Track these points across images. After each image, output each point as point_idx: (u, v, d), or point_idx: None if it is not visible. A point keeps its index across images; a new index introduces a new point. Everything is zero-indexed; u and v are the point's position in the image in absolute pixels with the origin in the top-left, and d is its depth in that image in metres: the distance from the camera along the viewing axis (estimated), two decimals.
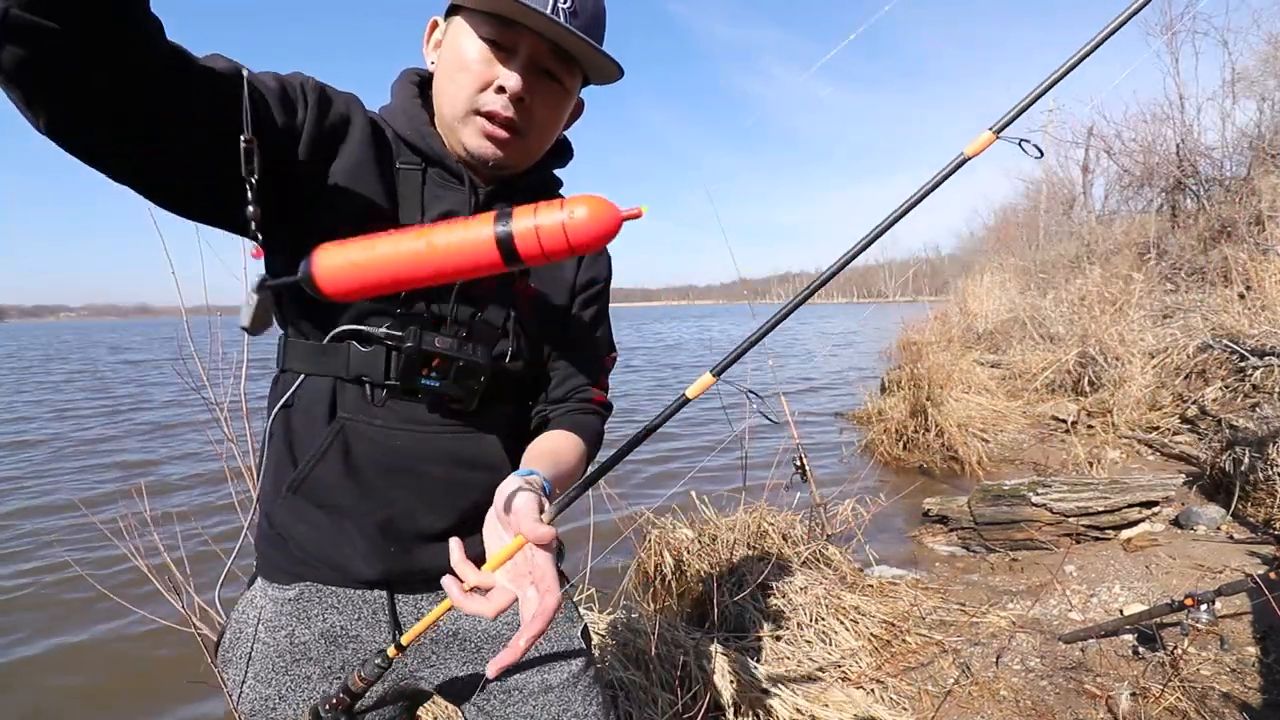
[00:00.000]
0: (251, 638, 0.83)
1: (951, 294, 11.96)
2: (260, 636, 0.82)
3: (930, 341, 7.85)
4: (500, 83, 0.73)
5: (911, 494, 4.11)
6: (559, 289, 0.90)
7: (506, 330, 0.84)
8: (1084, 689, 2.09)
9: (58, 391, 12.40)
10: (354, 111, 0.78)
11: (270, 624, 0.82)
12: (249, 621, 0.84)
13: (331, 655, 0.83)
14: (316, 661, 0.82)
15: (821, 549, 2.90)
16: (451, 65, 0.76)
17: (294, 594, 0.83)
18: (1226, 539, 3.13)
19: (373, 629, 0.84)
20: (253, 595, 0.85)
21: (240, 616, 0.85)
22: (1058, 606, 2.67)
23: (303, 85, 0.73)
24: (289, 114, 0.70)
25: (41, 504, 4.90)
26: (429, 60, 0.82)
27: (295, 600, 0.83)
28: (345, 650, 0.83)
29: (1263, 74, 8.98)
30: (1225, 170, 9.43)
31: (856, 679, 2.13)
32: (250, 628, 0.83)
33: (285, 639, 0.82)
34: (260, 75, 0.69)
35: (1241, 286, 6.41)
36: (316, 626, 0.82)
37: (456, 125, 0.77)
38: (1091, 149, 12.07)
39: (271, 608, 0.83)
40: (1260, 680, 2.03)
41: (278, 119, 0.68)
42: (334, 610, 0.83)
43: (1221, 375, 5.07)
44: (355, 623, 0.83)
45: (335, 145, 0.75)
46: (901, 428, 5.32)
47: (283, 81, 0.71)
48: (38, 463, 6.27)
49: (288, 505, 0.81)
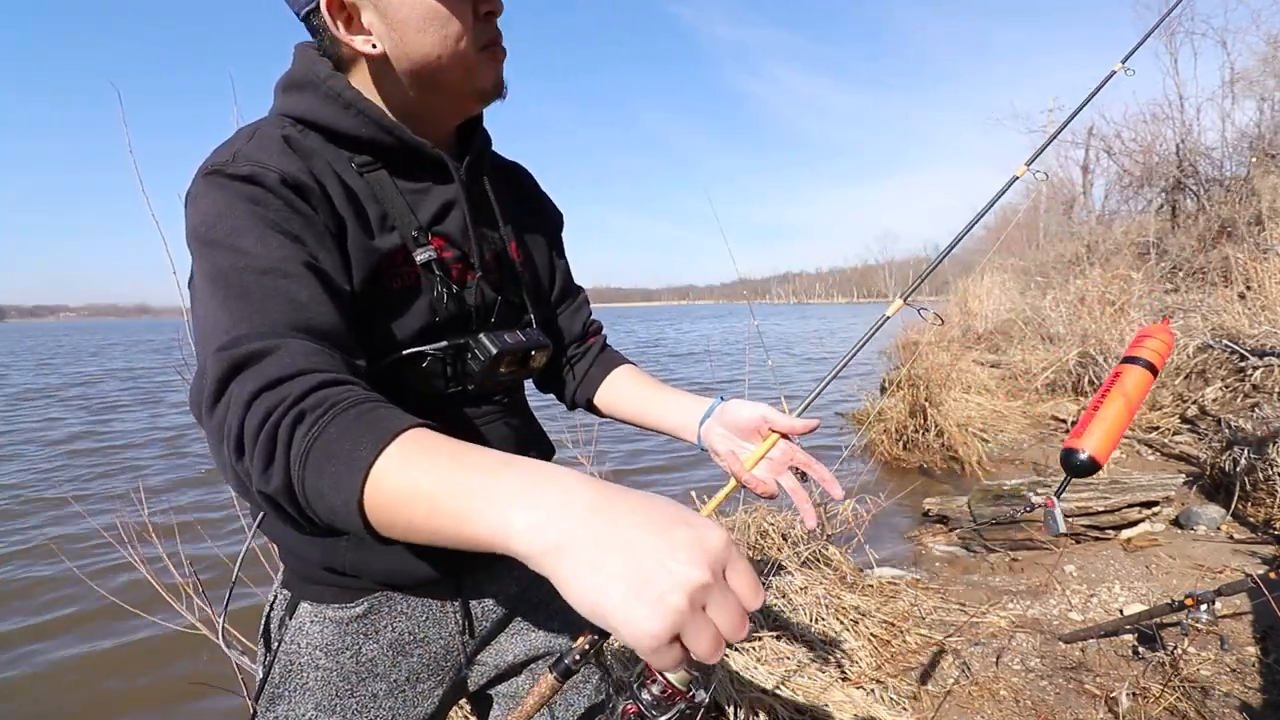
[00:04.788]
0: (309, 666, 0.78)
1: (951, 294, 11.95)
2: (320, 663, 0.77)
3: (930, 341, 7.85)
4: (487, 7, 0.68)
5: (911, 494, 4.11)
6: (539, 242, 0.92)
7: (525, 303, 0.85)
8: (1084, 689, 2.09)
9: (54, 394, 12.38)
10: (300, 158, 0.66)
11: (331, 647, 0.78)
12: (302, 650, 0.78)
13: (398, 666, 0.80)
14: (383, 676, 0.79)
15: (821, 549, 2.90)
16: (431, 26, 0.65)
17: (362, 609, 0.78)
18: (1226, 539, 3.13)
19: (440, 625, 0.82)
20: (301, 623, 0.79)
21: (290, 648, 0.78)
22: (1058, 606, 2.67)
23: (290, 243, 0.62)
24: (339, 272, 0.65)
25: (38, 504, 4.90)
26: (359, 44, 0.67)
27: (363, 616, 0.78)
28: (411, 658, 0.81)
29: (1262, 74, 8.99)
30: (1225, 170, 9.44)
31: (856, 679, 2.13)
32: (305, 656, 0.78)
33: (350, 659, 0.78)
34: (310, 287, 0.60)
35: (1241, 286, 6.42)
36: (385, 638, 0.79)
37: (465, 77, 0.70)
38: (1091, 149, 12.08)
39: (333, 630, 0.78)
40: (1260, 680, 2.03)
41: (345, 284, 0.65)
42: (403, 616, 0.80)
43: (1221, 375, 5.07)
44: (423, 624, 0.81)
45: (336, 223, 0.67)
46: (901, 428, 5.32)
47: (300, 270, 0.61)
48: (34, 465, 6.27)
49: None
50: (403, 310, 0.71)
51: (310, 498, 0.46)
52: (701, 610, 0.38)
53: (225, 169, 0.62)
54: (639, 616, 0.37)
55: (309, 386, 0.50)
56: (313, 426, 0.47)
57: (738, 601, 0.39)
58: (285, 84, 0.72)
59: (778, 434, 0.77)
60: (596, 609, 0.38)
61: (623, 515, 0.40)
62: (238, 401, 0.50)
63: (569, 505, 0.41)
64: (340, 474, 0.45)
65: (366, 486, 0.45)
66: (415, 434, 0.47)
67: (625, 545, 0.38)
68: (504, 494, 0.42)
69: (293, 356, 0.52)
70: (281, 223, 0.61)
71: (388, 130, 0.70)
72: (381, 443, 0.45)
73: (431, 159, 0.73)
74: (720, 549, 0.39)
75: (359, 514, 0.45)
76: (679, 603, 0.37)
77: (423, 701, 0.82)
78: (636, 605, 0.37)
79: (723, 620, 0.39)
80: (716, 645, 0.38)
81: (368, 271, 0.68)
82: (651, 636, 0.36)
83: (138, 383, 13.61)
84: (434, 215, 0.74)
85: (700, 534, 0.39)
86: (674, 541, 0.38)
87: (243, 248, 0.58)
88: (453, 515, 0.43)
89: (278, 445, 0.47)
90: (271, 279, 0.57)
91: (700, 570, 0.38)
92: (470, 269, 0.76)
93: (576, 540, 0.39)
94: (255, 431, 0.48)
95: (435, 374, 0.74)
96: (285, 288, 0.57)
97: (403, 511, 0.44)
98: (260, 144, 0.65)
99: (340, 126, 0.69)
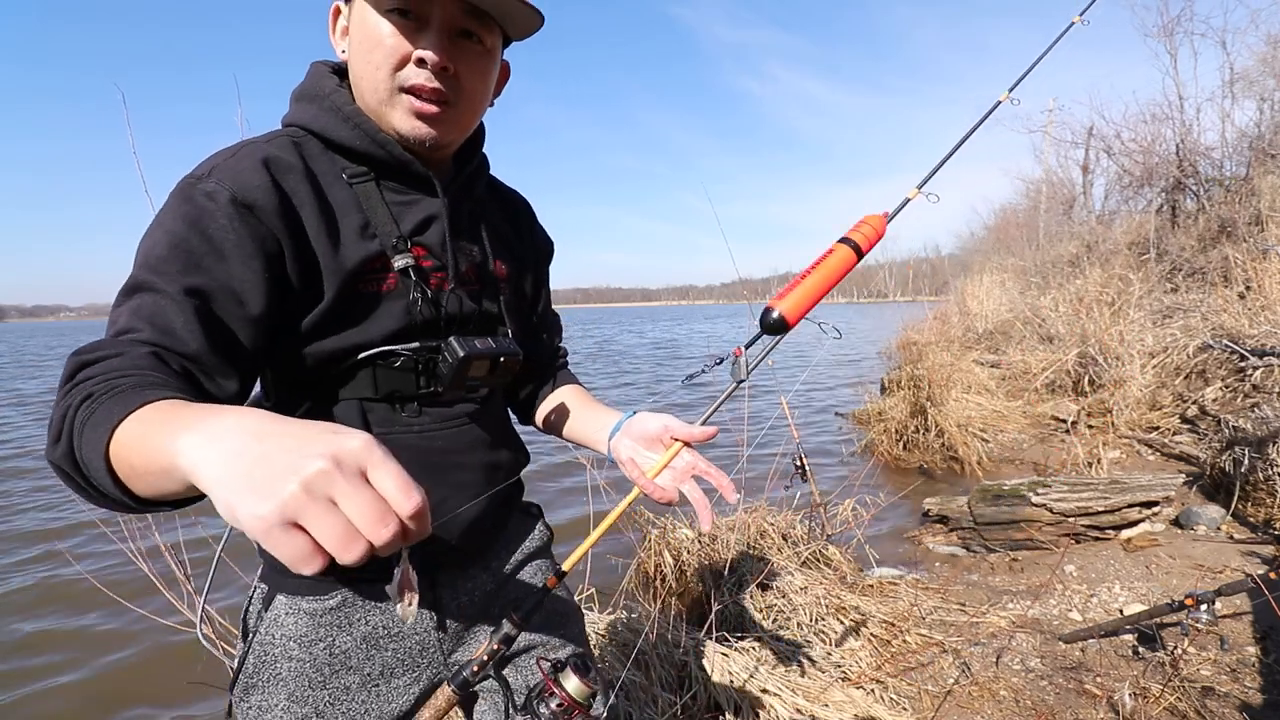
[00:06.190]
0: (281, 657, 0.80)
1: (951, 294, 11.95)
2: (293, 654, 0.80)
3: (930, 341, 7.85)
4: (419, 54, 0.70)
5: (911, 494, 4.11)
6: (525, 265, 0.97)
7: (503, 315, 0.89)
8: (1084, 689, 2.09)
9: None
10: (272, 175, 0.70)
11: (305, 639, 0.80)
12: (276, 642, 0.80)
13: (371, 660, 0.82)
14: (356, 669, 0.81)
15: (821, 549, 2.90)
16: (364, 46, 0.71)
17: (336, 601, 0.81)
18: (1226, 539, 3.13)
19: (416, 620, 0.84)
20: (276, 614, 0.81)
21: (265, 638, 0.81)
22: (1058, 606, 2.67)
23: (227, 246, 0.67)
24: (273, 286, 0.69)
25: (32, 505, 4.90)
26: (339, 50, 0.78)
27: (337, 608, 0.81)
28: (385, 652, 0.82)
29: (1262, 74, 8.99)
30: (1225, 170, 9.44)
31: (856, 679, 2.13)
32: (278, 647, 0.80)
33: (324, 651, 0.80)
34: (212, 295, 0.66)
35: (1241, 286, 6.42)
36: (359, 631, 0.81)
37: (383, 110, 0.74)
38: (1091, 149, 12.08)
39: (306, 621, 0.80)
40: (1260, 680, 2.03)
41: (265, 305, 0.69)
42: (376, 610, 0.82)
43: (1221, 375, 5.07)
44: (397, 619, 0.83)
45: (296, 237, 0.71)
46: (901, 428, 5.32)
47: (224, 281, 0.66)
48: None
49: None
50: (379, 311, 0.76)
51: (83, 462, 0.51)
52: (328, 501, 0.40)
53: (194, 183, 0.68)
54: (250, 501, 0.39)
55: (112, 373, 0.55)
56: (94, 402, 0.52)
57: (377, 499, 0.41)
58: (297, 95, 0.79)
59: (680, 443, 0.82)
60: (226, 509, 0.40)
61: (279, 437, 0.42)
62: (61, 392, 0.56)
63: (234, 429, 0.43)
64: (96, 436, 0.50)
65: (111, 443, 0.49)
66: (166, 402, 0.51)
67: (263, 454, 0.41)
68: (182, 424, 0.45)
69: (122, 360, 0.57)
70: (207, 244, 0.65)
71: (380, 144, 0.75)
72: (130, 407, 0.50)
73: (418, 175, 0.78)
74: (356, 448, 0.41)
75: (106, 466, 0.50)
76: (290, 487, 0.39)
77: (397, 698, 0.83)
78: (249, 494, 0.39)
79: (355, 513, 0.40)
80: (346, 537, 0.40)
81: (339, 276, 0.72)
82: (258, 518, 0.39)
83: None
84: (416, 226, 0.79)
85: (337, 437, 0.42)
86: (305, 443, 0.41)
87: (150, 263, 0.64)
88: (151, 450, 0.47)
89: (65, 421, 0.53)
90: (157, 298, 0.63)
91: (317, 460, 0.40)
92: (448, 279, 0.81)
93: (224, 454, 0.42)
94: (54, 413, 0.55)
95: (407, 372, 0.78)
96: (161, 309, 0.62)
97: (126, 458, 0.49)
98: (237, 161, 0.69)
99: (337, 137, 0.75)
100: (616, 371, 14.25)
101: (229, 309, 0.66)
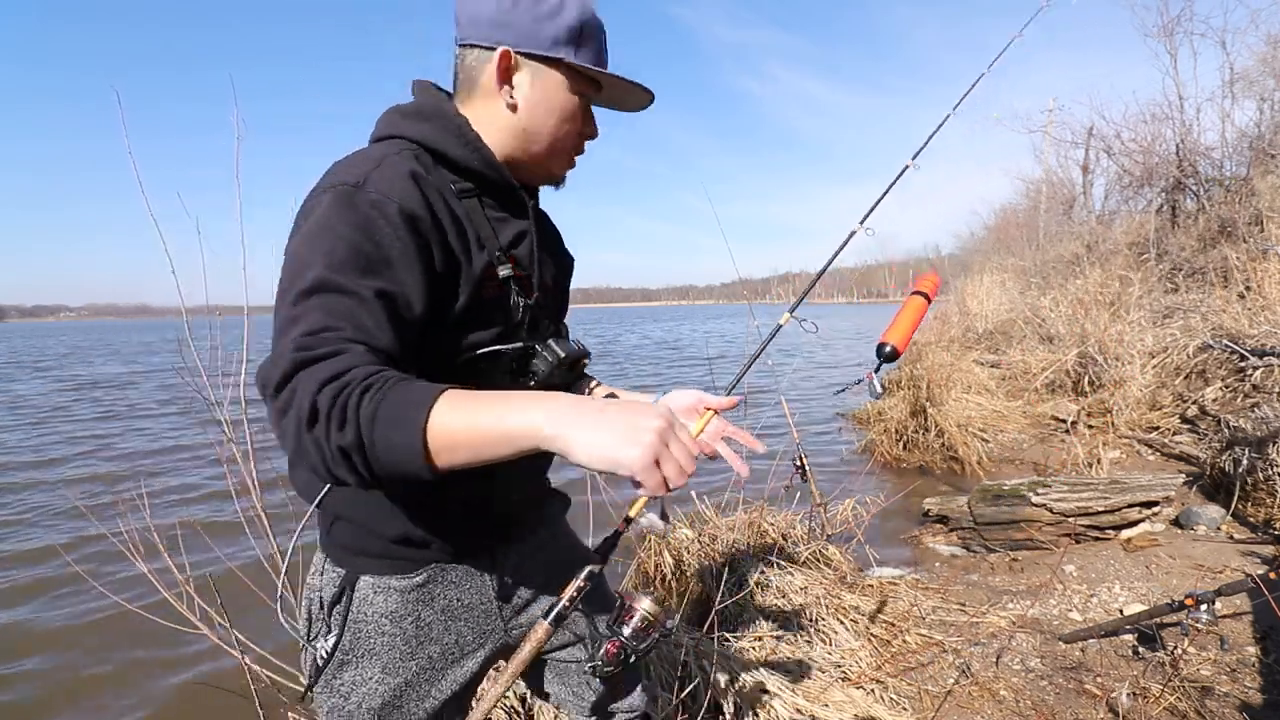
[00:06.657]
0: (375, 633, 0.89)
1: (951, 294, 11.94)
2: (385, 629, 0.89)
3: (930, 341, 7.84)
4: (591, 133, 0.92)
5: (911, 494, 4.11)
6: (560, 275, 1.07)
7: (557, 321, 1.03)
8: (1084, 689, 2.09)
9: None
10: (420, 188, 0.78)
11: (395, 614, 0.89)
12: (368, 619, 0.89)
13: (449, 631, 0.93)
14: (437, 640, 0.92)
15: (821, 549, 2.90)
16: (553, 116, 0.86)
17: (422, 578, 0.91)
18: (1226, 539, 3.13)
19: (480, 592, 0.96)
20: (364, 595, 0.89)
21: (358, 617, 0.89)
22: (1058, 606, 2.67)
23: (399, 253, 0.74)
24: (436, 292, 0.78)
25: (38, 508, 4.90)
26: (502, 92, 0.85)
27: (423, 585, 0.91)
28: (459, 622, 0.94)
29: (1262, 74, 8.98)
30: (1225, 170, 9.43)
31: (856, 679, 2.13)
32: (370, 624, 0.89)
33: (411, 625, 0.90)
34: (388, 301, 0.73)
35: (1241, 287, 6.41)
36: (439, 604, 0.92)
37: (548, 160, 0.90)
38: (1091, 149, 12.07)
39: (396, 598, 0.89)
40: (1260, 680, 2.03)
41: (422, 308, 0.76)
42: (453, 585, 0.93)
43: (1221, 375, 5.07)
44: (469, 592, 0.95)
45: (443, 247, 0.80)
46: (901, 428, 5.32)
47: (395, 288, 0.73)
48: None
49: (414, 505, 0.89)
50: (489, 315, 0.86)
51: (379, 446, 0.60)
52: (666, 447, 0.63)
53: (353, 191, 0.73)
54: (629, 450, 0.61)
55: (369, 371, 0.63)
56: (376, 393, 0.61)
57: (692, 445, 0.66)
58: (412, 112, 0.86)
59: (711, 410, 0.98)
60: (605, 457, 0.61)
61: (609, 409, 0.63)
62: (307, 387, 0.61)
63: (571, 405, 0.63)
64: (408, 418, 0.60)
65: (428, 424, 0.60)
66: (452, 390, 0.63)
67: (610, 420, 0.62)
68: (526, 404, 0.63)
69: (353, 358, 0.65)
70: (378, 251, 0.72)
71: (493, 167, 0.86)
72: (433, 394, 0.62)
73: (515, 198, 0.90)
74: (669, 414, 0.65)
75: (423, 446, 0.60)
76: (653, 439, 0.62)
77: (468, 662, 0.96)
78: (628, 446, 0.61)
79: (680, 455, 0.64)
80: (681, 471, 0.64)
81: (471, 284, 0.82)
82: (642, 461, 0.61)
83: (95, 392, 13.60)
84: (510, 240, 0.90)
85: (655, 408, 0.65)
86: (638, 414, 0.64)
87: (334, 265, 0.69)
88: (492, 428, 0.61)
89: (348, 411, 0.60)
90: (348, 299, 0.68)
91: (658, 420, 0.63)
92: (533, 288, 0.93)
93: (581, 422, 0.62)
94: (329, 405, 0.60)
95: (504, 370, 0.88)
96: (354, 309, 0.68)
97: (449, 433, 0.61)
98: (386, 174, 0.76)
99: (455, 155, 0.84)
100: (617, 373, 14.23)
101: (402, 312, 0.73)
